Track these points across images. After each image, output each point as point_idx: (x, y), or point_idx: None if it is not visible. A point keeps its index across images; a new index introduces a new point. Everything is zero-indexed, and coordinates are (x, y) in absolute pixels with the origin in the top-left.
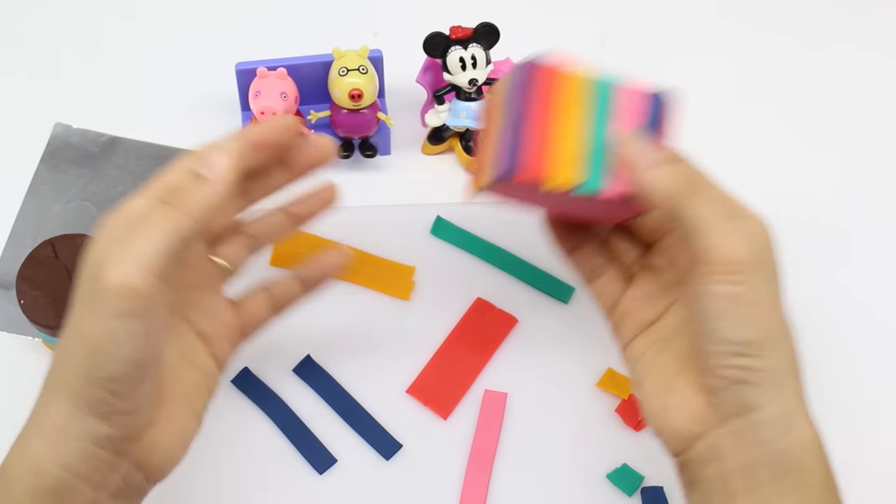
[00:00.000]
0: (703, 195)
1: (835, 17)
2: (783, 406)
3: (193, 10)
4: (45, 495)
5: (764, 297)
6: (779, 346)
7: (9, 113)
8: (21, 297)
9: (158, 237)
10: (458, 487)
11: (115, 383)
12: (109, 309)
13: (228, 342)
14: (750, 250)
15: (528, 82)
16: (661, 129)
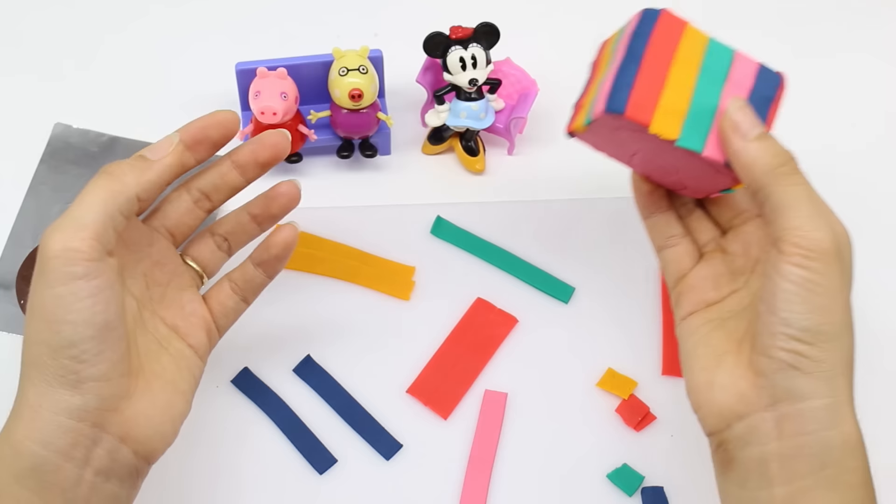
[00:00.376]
0: (796, 179)
1: (834, 16)
2: (832, 400)
3: (194, 10)
4: (27, 475)
5: (837, 290)
6: (839, 341)
7: (9, 113)
8: (21, 297)
9: (94, 201)
10: (458, 487)
11: (74, 348)
12: (55, 276)
13: (203, 332)
14: (832, 242)
15: (655, 28)
16: (768, 107)
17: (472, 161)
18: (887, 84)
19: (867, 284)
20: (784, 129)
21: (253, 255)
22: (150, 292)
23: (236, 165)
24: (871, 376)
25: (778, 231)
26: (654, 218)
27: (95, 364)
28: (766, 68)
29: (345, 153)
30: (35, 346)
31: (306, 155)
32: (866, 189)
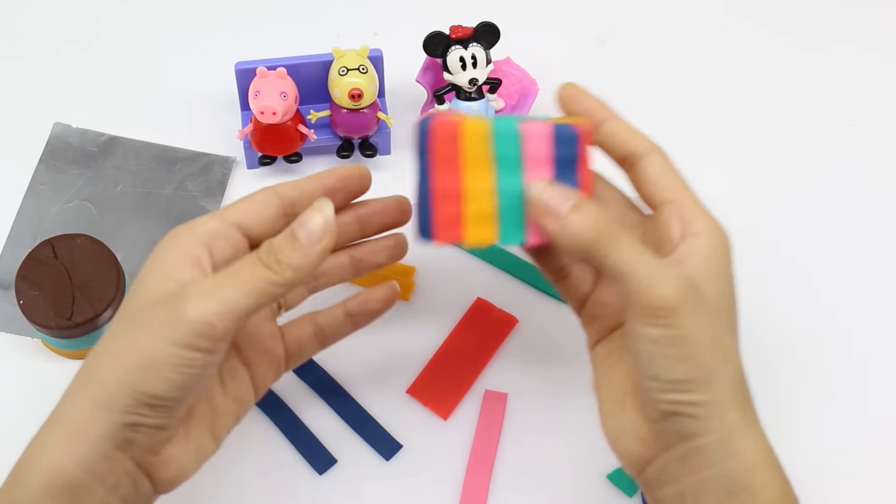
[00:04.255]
0: (622, 240)
1: (834, 15)
2: (722, 434)
3: (193, 9)
4: (60, 493)
5: (697, 334)
6: (717, 379)
7: (8, 112)
8: (20, 298)
9: (247, 290)
10: (458, 487)
11: (156, 400)
12: (180, 338)
13: (271, 370)
14: (678, 291)
15: (431, 138)
16: (575, 168)
17: None
18: (889, 83)
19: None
20: (784, 129)
21: (347, 304)
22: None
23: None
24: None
25: (623, 295)
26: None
27: (164, 416)
28: (561, 127)
29: (345, 153)
30: (111, 373)
31: (306, 155)
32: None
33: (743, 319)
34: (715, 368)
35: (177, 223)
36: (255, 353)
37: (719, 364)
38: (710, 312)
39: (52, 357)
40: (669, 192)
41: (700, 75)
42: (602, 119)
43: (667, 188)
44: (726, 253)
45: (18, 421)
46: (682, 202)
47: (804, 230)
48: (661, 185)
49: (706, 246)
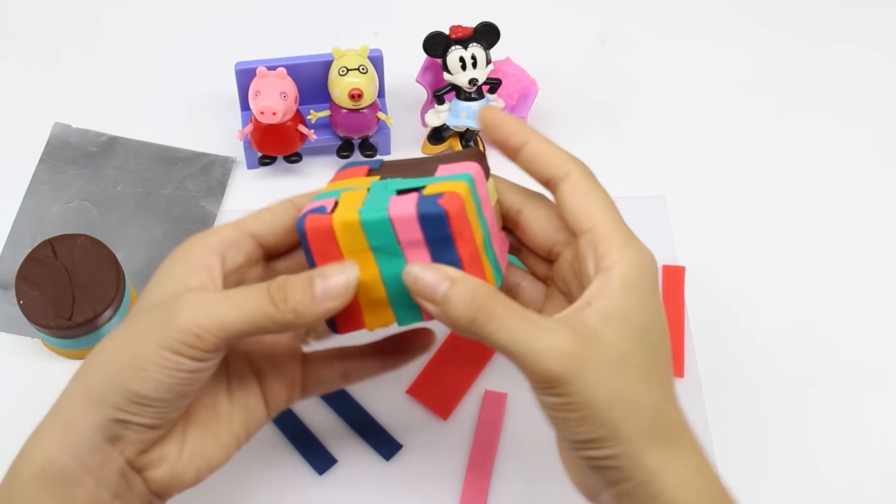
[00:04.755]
0: (500, 317)
1: (834, 14)
2: (642, 478)
3: (193, 9)
4: (51, 482)
5: (593, 395)
6: (623, 431)
7: (8, 113)
8: (20, 298)
9: (244, 314)
10: (458, 487)
11: (145, 400)
12: (168, 342)
13: (284, 388)
14: (565, 360)
15: (309, 238)
16: (452, 243)
17: None
18: (892, 83)
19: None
20: (786, 129)
21: (379, 343)
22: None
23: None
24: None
25: (516, 366)
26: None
27: (153, 416)
28: (425, 208)
29: (345, 153)
30: (106, 371)
31: (306, 155)
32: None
33: (743, 318)
34: (619, 422)
35: (177, 223)
36: (267, 367)
37: (623, 417)
38: (612, 362)
39: (52, 357)
40: (584, 221)
41: (700, 75)
42: (521, 143)
43: (581, 218)
44: (644, 282)
45: (18, 420)
46: (596, 232)
47: (805, 230)
48: (577, 215)
49: (617, 281)
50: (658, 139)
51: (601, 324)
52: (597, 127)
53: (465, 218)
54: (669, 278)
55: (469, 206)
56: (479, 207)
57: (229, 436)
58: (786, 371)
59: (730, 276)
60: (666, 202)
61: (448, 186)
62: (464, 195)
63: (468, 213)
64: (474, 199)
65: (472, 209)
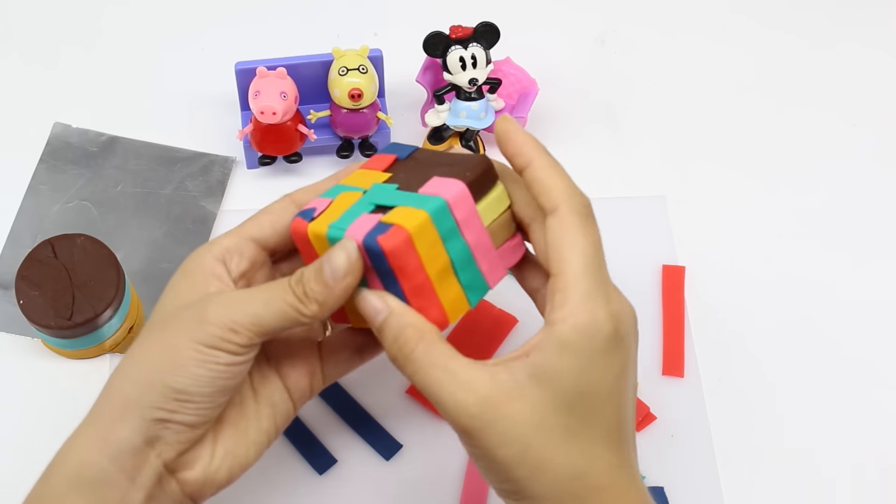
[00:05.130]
0: (416, 361)
1: (836, 14)
2: None
3: (193, 9)
4: (87, 486)
5: (496, 451)
6: (530, 490)
7: (8, 112)
8: (20, 297)
9: (273, 311)
10: (458, 487)
11: (184, 395)
12: (204, 338)
13: (307, 379)
14: (468, 416)
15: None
16: (396, 275)
17: None
18: (890, 82)
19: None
20: (787, 130)
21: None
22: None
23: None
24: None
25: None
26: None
27: (192, 413)
28: (366, 244)
29: (345, 153)
30: (145, 373)
31: (306, 155)
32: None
33: (743, 318)
34: (524, 481)
35: (177, 223)
36: (286, 360)
37: (528, 476)
38: (528, 422)
39: (52, 357)
40: (556, 264)
41: (701, 75)
42: (524, 165)
43: (554, 260)
44: (593, 345)
45: (19, 420)
46: (560, 280)
47: (805, 230)
48: (551, 255)
49: (556, 340)
50: (658, 139)
51: (528, 379)
52: (597, 127)
53: (409, 253)
54: (669, 278)
55: (422, 238)
56: (454, 230)
57: (259, 432)
58: (786, 371)
59: (730, 276)
60: (666, 202)
61: (404, 216)
62: (412, 230)
63: (417, 247)
64: (439, 228)
65: (427, 240)
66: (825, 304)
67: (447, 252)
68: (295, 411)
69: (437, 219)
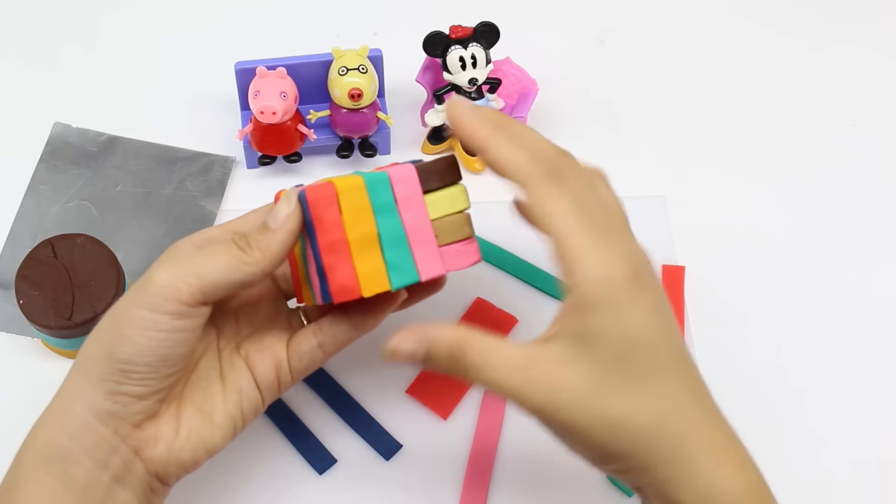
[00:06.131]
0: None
1: (836, 14)
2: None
3: (193, 9)
4: (53, 462)
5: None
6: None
7: (8, 113)
8: (20, 297)
9: (217, 264)
10: (458, 487)
11: (127, 365)
12: (146, 300)
13: (272, 370)
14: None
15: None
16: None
17: (471, 161)
18: (890, 82)
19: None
20: (786, 130)
21: (343, 305)
22: (238, 327)
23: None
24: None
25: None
26: None
27: (138, 384)
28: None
29: (344, 153)
30: (96, 345)
31: (306, 154)
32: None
33: (743, 318)
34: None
35: (177, 223)
36: (254, 351)
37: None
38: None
39: (52, 357)
40: (551, 234)
41: (700, 75)
42: (479, 150)
43: (546, 231)
44: (612, 296)
45: (19, 420)
46: (559, 246)
47: (805, 230)
48: (542, 228)
49: (581, 303)
50: (658, 139)
51: (569, 350)
52: (597, 127)
53: (330, 206)
54: (669, 278)
55: (349, 198)
56: (390, 206)
57: (224, 416)
58: (786, 371)
59: (730, 275)
60: (666, 202)
61: (344, 179)
62: (339, 187)
63: (342, 204)
64: (372, 197)
65: (355, 203)
66: (825, 303)
67: (376, 223)
68: (263, 403)
69: (373, 187)
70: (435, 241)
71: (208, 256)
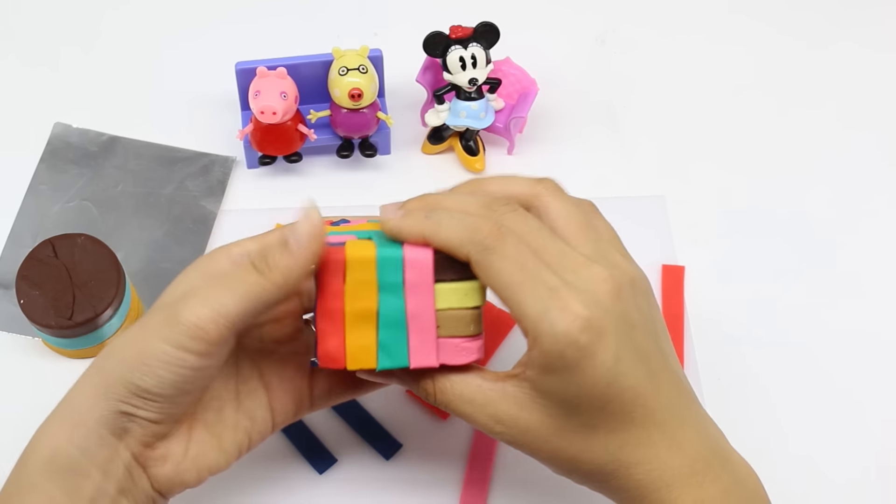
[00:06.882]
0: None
1: (836, 14)
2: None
3: (193, 9)
4: (57, 472)
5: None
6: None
7: (9, 112)
8: (21, 297)
9: (239, 294)
10: (458, 487)
11: (147, 394)
12: (174, 338)
13: (293, 404)
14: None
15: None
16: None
17: (471, 161)
18: (891, 82)
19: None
20: (786, 130)
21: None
22: (260, 344)
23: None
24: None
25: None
26: None
27: (156, 412)
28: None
29: (345, 153)
30: (115, 365)
31: (306, 154)
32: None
33: (743, 318)
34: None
35: (177, 223)
36: (276, 381)
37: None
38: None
39: (52, 356)
40: (502, 300)
41: (700, 75)
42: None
43: (498, 296)
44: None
45: (19, 420)
46: (512, 311)
47: (805, 230)
48: (496, 294)
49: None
50: (658, 139)
51: (530, 395)
52: (597, 127)
53: (335, 274)
54: (669, 278)
55: (356, 271)
56: (398, 287)
57: (232, 443)
58: (785, 371)
59: (730, 276)
60: (666, 202)
61: (360, 245)
62: (349, 257)
63: (347, 275)
64: (381, 274)
65: (360, 277)
66: (825, 303)
67: (378, 301)
68: (273, 431)
69: (383, 265)
70: (435, 332)
71: (228, 288)
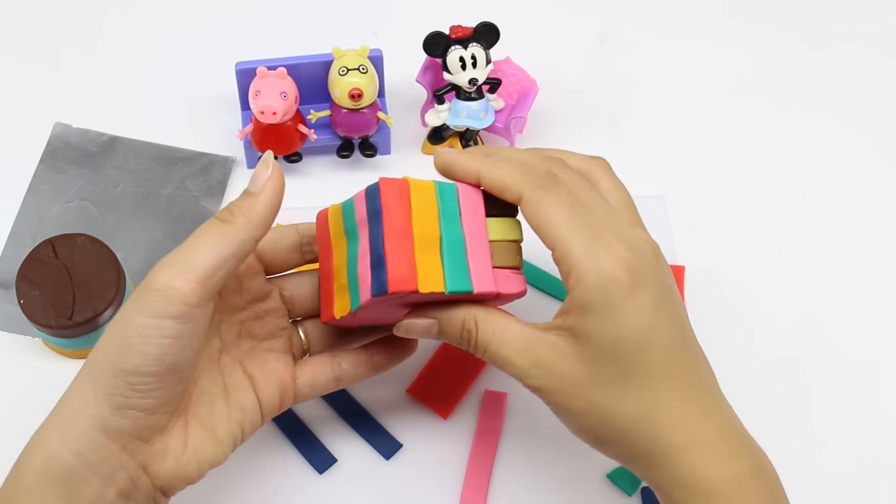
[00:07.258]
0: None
1: (836, 14)
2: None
3: (193, 9)
4: (56, 480)
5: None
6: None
7: (9, 112)
8: (21, 297)
9: (206, 245)
10: (458, 487)
11: (134, 377)
12: (149, 307)
13: (277, 396)
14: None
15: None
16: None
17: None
18: (891, 82)
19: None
20: (786, 130)
21: (368, 346)
22: (239, 341)
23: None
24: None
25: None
26: None
27: (146, 397)
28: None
29: (345, 153)
30: (101, 357)
31: (306, 154)
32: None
33: (743, 318)
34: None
35: (177, 223)
36: (259, 374)
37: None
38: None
39: (52, 356)
40: (547, 241)
41: (700, 76)
42: (476, 179)
43: (543, 238)
44: (607, 299)
45: (19, 420)
46: (557, 251)
47: (805, 230)
48: (540, 237)
49: (578, 304)
50: (658, 139)
51: (567, 343)
52: (597, 127)
53: (402, 197)
54: None
55: (420, 196)
56: (454, 213)
57: (227, 434)
58: (786, 371)
59: (730, 275)
60: (666, 202)
61: (415, 180)
62: (412, 182)
63: (412, 199)
64: (440, 201)
65: (424, 202)
66: (825, 303)
67: (440, 226)
68: (263, 421)
69: (442, 192)
70: (490, 259)
71: (195, 243)
